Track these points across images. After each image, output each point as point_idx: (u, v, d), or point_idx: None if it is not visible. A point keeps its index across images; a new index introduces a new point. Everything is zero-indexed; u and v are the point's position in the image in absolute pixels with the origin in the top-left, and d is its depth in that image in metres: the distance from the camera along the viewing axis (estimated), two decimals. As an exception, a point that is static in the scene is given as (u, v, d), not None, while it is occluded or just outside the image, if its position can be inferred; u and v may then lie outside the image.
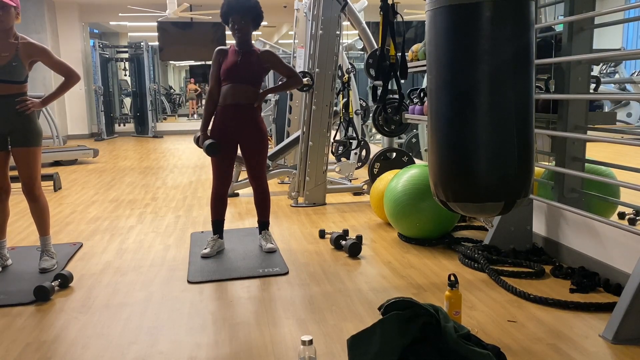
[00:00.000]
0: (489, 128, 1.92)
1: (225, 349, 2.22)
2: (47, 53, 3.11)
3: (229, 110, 3.34)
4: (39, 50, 3.07)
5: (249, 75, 3.33)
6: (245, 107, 3.34)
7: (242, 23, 3.26)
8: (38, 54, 3.07)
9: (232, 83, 3.32)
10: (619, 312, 2.21)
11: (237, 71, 3.31)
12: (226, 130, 3.35)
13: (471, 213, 2.09)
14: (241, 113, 3.34)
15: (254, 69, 3.35)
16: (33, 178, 3.11)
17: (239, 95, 3.32)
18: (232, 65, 3.31)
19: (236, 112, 3.34)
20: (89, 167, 7.69)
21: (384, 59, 3.47)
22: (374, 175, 4.99)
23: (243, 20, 3.26)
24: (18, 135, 3.04)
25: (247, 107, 3.35)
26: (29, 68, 3.06)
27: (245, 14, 3.25)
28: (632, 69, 10.16)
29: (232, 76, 3.32)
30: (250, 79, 3.34)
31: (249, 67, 3.33)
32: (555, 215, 3.21)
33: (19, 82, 3.01)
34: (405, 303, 1.87)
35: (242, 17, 3.25)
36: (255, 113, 3.39)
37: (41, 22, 10.92)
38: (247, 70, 3.32)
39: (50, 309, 2.66)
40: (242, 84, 3.32)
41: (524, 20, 1.91)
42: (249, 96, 3.34)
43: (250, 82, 3.34)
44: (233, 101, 3.32)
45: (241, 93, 3.32)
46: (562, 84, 3.04)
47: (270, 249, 3.47)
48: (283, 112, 7.15)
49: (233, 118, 3.34)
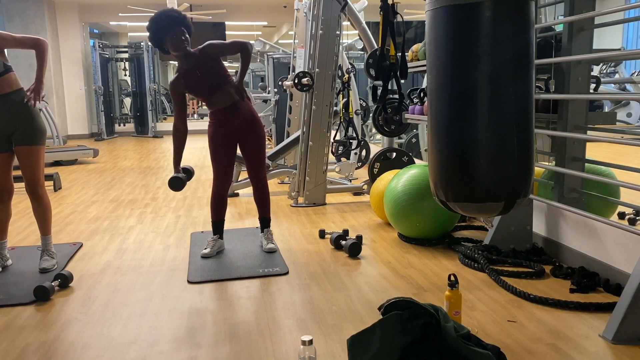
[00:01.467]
0: (489, 128, 1.92)
1: (225, 349, 2.22)
2: (3, 35, 3.00)
3: (222, 112, 3.34)
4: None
5: (216, 79, 3.29)
6: (236, 104, 3.34)
7: (182, 33, 3.17)
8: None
9: (211, 96, 3.30)
10: (619, 312, 2.21)
11: (206, 86, 3.28)
12: (224, 129, 3.36)
13: (471, 213, 2.09)
14: (235, 110, 3.34)
15: (214, 70, 3.29)
16: (36, 177, 3.10)
17: (225, 99, 3.32)
18: (197, 85, 3.27)
19: (230, 111, 3.34)
20: (89, 167, 7.69)
21: (384, 59, 3.47)
22: (374, 175, 4.99)
23: (181, 30, 3.16)
24: (21, 134, 3.04)
25: (237, 103, 3.35)
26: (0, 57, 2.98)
27: (182, 25, 3.17)
28: (632, 69, 10.16)
29: (206, 93, 3.30)
30: (220, 82, 3.30)
31: (210, 72, 3.27)
32: (555, 215, 3.21)
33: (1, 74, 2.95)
34: (405, 303, 1.87)
35: (182, 28, 3.15)
36: (248, 106, 3.39)
37: (41, 22, 10.92)
38: (211, 76, 3.28)
39: (50, 309, 2.66)
40: (220, 90, 3.30)
41: (524, 20, 1.91)
42: (232, 94, 3.33)
43: (223, 82, 3.30)
44: (223, 105, 3.32)
45: (225, 96, 3.31)
46: (562, 84, 3.04)
47: (271, 249, 3.47)
48: (283, 112, 7.15)
49: (228, 116, 3.34)
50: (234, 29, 14.57)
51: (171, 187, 3.29)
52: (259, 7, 12.77)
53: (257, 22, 14.37)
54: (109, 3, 12.00)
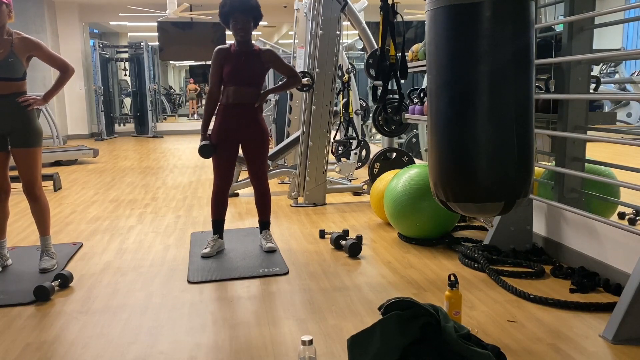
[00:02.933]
0: (489, 128, 1.92)
1: (225, 349, 2.22)
2: (42, 47, 3.09)
3: (231, 110, 3.34)
4: (34, 44, 3.05)
5: (252, 77, 3.34)
6: (247, 107, 3.35)
7: (245, 22, 3.25)
8: (33, 48, 3.05)
9: (236, 86, 3.31)
10: (619, 312, 2.21)
11: (240, 74, 3.30)
12: (228, 129, 3.36)
13: (471, 213, 2.08)
14: (243, 113, 3.35)
15: (257, 70, 3.35)
16: (34, 178, 3.10)
17: (242, 96, 3.33)
18: (235, 67, 3.30)
19: (238, 111, 3.34)
20: (89, 167, 7.69)
21: (384, 59, 3.47)
22: (374, 175, 4.99)
23: (246, 19, 3.24)
24: (18, 136, 3.04)
25: (249, 107, 3.35)
26: (26, 64, 3.05)
27: (248, 13, 3.24)
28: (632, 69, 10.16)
29: (235, 79, 3.31)
30: (253, 81, 3.34)
31: (252, 68, 3.33)
32: (555, 215, 3.21)
33: (17, 79, 3.00)
34: (405, 303, 1.87)
35: (245, 15, 3.23)
36: (257, 112, 3.40)
37: (41, 22, 10.92)
38: (250, 72, 3.32)
39: (50, 309, 2.66)
40: (246, 86, 3.33)
41: (524, 20, 1.91)
42: (251, 96, 3.35)
43: (254, 83, 3.35)
44: (235, 101, 3.33)
45: (244, 94, 3.33)
46: (562, 84, 3.04)
47: (270, 248, 3.47)
48: (283, 112, 7.15)
49: (235, 118, 3.34)
50: (234, 29, 14.54)
51: (201, 154, 3.30)
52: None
53: (257, 22, 14.35)
54: (109, 3, 11.99)
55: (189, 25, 12.73)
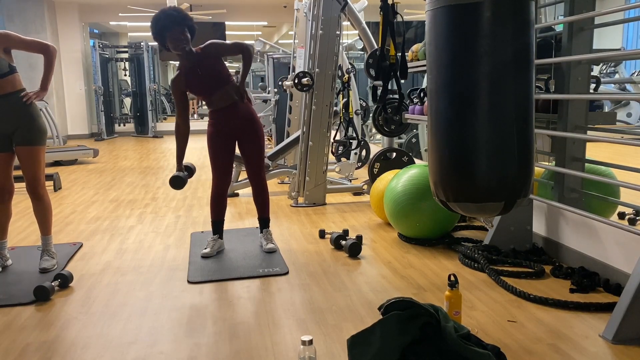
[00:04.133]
0: (489, 128, 1.92)
1: (225, 349, 2.22)
2: (10, 35, 3.01)
3: (221, 113, 3.34)
4: (1, 35, 2.97)
5: (216, 79, 3.28)
6: (234, 106, 3.34)
7: (181, 32, 3.15)
8: (3, 40, 2.96)
9: (211, 95, 3.30)
10: (619, 312, 2.22)
11: (205, 85, 3.27)
12: (222, 130, 3.35)
13: (471, 213, 2.09)
14: (233, 112, 3.34)
15: (216, 69, 3.28)
16: (37, 177, 3.11)
17: (223, 100, 3.31)
18: (197, 83, 3.26)
19: (228, 112, 3.34)
20: (89, 167, 7.69)
21: (384, 59, 3.47)
22: (374, 175, 4.99)
23: (181, 29, 3.15)
24: (22, 134, 3.04)
25: (236, 105, 3.34)
26: (6, 57, 2.99)
27: (182, 24, 3.15)
28: (632, 69, 10.16)
29: (205, 91, 3.29)
30: (220, 81, 3.29)
31: (210, 73, 3.27)
32: (555, 215, 3.21)
33: (4, 74, 2.95)
34: (405, 303, 1.87)
35: (180, 26, 3.14)
36: (248, 107, 3.39)
37: (41, 22, 10.92)
38: (212, 77, 3.27)
39: (50, 309, 2.66)
40: (219, 90, 3.29)
41: (524, 20, 1.91)
42: (230, 95, 3.32)
43: (223, 82, 3.30)
44: (220, 105, 3.32)
45: (223, 97, 3.31)
46: (562, 84, 3.04)
47: (271, 249, 3.47)
48: (283, 112, 7.15)
49: (227, 119, 3.34)
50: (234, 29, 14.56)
51: (172, 185, 3.29)
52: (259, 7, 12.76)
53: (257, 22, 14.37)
54: (109, 3, 11.99)
55: (189, 25, 12.70)
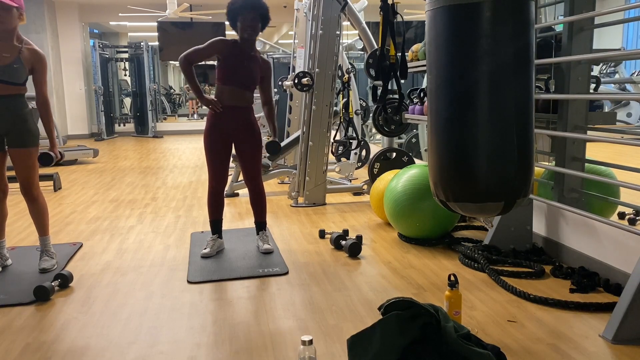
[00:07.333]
0: (489, 128, 1.92)
1: (225, 349, 2.22)
2: (44, 67, 3.08)
3: (225, 111, 3.33)
4: (40, 58, 3.05)
5: (251, 79, 3.32)
6: (241, 109, 3.35)
7: (254, 19, 3.18)
8: (38, 62, 3.04)
9: (233, 87, 3.29)
10: (619, 312, 2.22)
11: (240, 75, 3.28)
12: (221, 130, 3.35)
13: (471, 213, 2.08)
14: (237, 114, 3.34)
15: (255, 76, 3.33)
16: (30, 179, 3.10)
17: (238, 99, 3.32)
18: (236, 66, 3.27)
19: (232, 113, 3.33)
20: (89, 167, 7.69)
21: (384, 59, 3.46)
22: (374, 175, 4.99)
23: (255, 16, 3.18)
24: (14, 136, 3.04)
25: (243, 109, 3.35)
26: (28, 73, 3.06)
27: (258, 11, 3.19)
28: (632, 69, 10.16)
29: (234, 79, 3.28)
30: (250, 85, 3.33)
31: (252, 72, 3.31)
32: (555, 215, 3.21)
33: (17, 84, 3.01)
34: (405, 303, 1.87)
35: (255, 14, 3.17)
36: (251, 114, 3.40)
37: (41, 22, 10.92)
38: (250, 76, 3.30)
39: (50, 309, 2.66)
40: (243, 89, 3.31)
41: (524, 20, 1.91)
42: (246, 99, 3.34)
43: (250, 87, 3.34)
44: (231, 103, 3.31)
45: (240, 97, 3.32)
46: (562, 84, 3.04)
47: (267, 249, 3.46)
48: (283, 112, 7.14)
49: (229, 120, 3.33)
50: (234, 29, 14.55)
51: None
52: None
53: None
54: (109, 3, 11.99)
55: (189, 25, 12.72)
